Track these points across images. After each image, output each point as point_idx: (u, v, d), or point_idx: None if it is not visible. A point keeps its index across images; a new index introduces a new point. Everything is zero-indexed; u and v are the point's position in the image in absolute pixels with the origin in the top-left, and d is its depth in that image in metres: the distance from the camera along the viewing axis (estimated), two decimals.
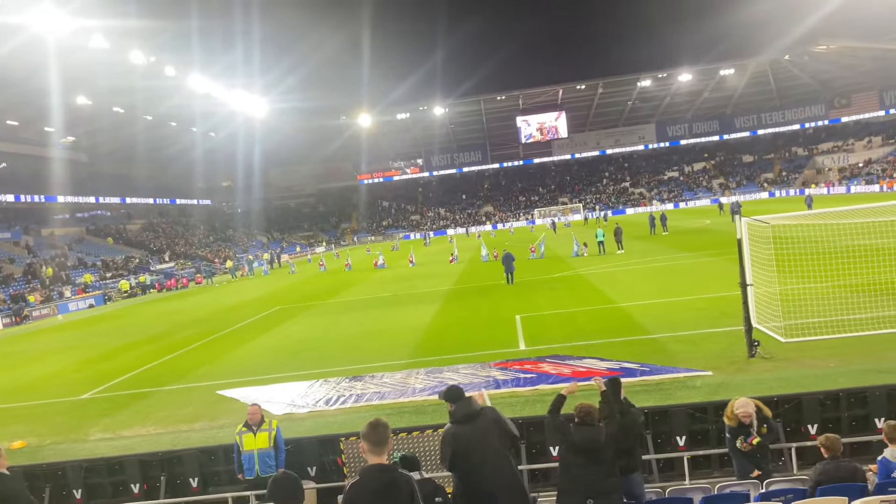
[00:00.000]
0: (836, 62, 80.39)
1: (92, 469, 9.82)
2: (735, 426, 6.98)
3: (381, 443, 4.25)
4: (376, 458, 4.23)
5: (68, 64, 43.64)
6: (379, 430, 4.27)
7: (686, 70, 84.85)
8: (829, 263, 15.96)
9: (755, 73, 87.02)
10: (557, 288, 24.99)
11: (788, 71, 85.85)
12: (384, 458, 4.22)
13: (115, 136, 66.23)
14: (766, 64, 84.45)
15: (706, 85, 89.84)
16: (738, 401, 7.05)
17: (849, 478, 5.76)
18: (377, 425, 4.30)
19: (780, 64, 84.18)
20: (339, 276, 42.28)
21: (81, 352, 24.01)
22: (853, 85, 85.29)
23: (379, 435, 4.25)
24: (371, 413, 11.66)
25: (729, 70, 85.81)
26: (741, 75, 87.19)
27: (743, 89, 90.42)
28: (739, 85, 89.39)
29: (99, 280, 51.35)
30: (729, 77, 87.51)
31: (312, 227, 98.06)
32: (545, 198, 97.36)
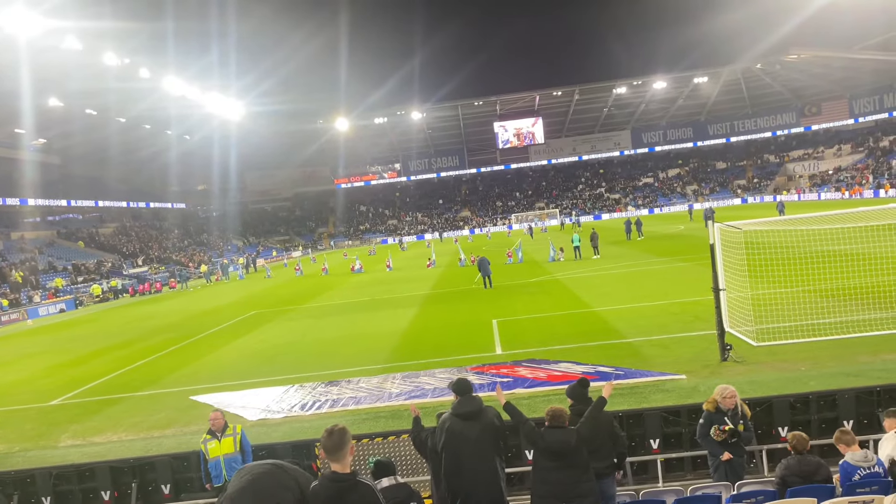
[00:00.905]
0: (807, 71, 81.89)
1: (62, 476, 9.66)
2: (713, 411, 7.09)
3: (337, 449, 4.10)
4: (336, 464, 4.11)
5: (40, 65, 42.89)
6: (333, 437, 4.12)
7: (661, 77, 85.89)
8: (800, 268, 16.23)
9: (728, 82, 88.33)
10: (534, 292, 25.10)
11: (760, 79, 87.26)
12: (345, 465, 4.10)
13: (87, 139, 65.16)
14: (738, 72, 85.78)
15: (680, 92, 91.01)
16: (723, 386, 7.19)
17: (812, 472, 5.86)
18: (332, 432, 4.15)
19: (753, 72, 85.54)
20: (315, 280, 42.05)
21: (52, 357, 23.59)
22: (824, 93, 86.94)
23: (333, 441, 4.11)
24: (348, 418, 11.61)
25: (702, 78, 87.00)
26: (714, 83, 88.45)
27: (716, 97, 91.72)
28: (713, 93, 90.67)
29: (70, 284, 50.50)
30: (702, 85, 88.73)
31: (289, 232, 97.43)
32: (522, 203, 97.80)
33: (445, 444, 5.61)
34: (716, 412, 7.11)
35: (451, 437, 5.59)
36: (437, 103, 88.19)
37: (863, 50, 70.08)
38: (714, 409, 7.12)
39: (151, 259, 66.41)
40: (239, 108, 71.32)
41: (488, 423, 5.72)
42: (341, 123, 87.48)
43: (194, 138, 76.96)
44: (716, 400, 7.12)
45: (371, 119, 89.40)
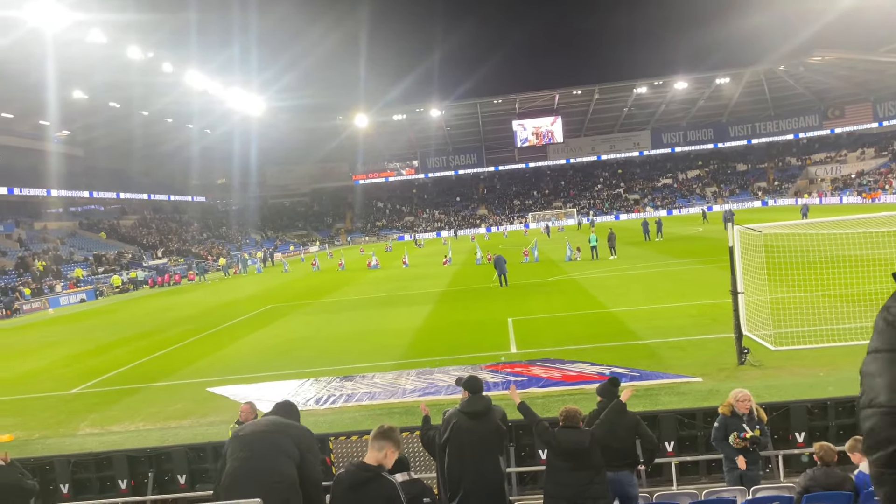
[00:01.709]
0: (830, 73, 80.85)
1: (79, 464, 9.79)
2: (728, 415, 7.02)
3: (379, 438, 4.30)
4: (371, 453, 4.27)
5: (65, 58, 43.46)
6: (382, 432, 4.36)
7: (682, 78, 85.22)
8: (820, 273, 16.04)
9: (750, 83, 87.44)
10: (550, 292, 25.04)
11: (783, 81, 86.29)
12: (376, 460, 4.25)
13: (110, 131, 66.01)
14: (761, 73, 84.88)
15: (702, 93, 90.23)
16: (738, 390, 7.12)
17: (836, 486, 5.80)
18: (383, 428, 4.41)
19: (776, 74, 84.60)
20: (332, 275, 42.23)
21: (72, 346, 23.91)
22: (847, 96, 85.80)
23: (381, 430, 4.37)
24: (362, 413, 11.67)
25: (724, 79, 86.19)
26: (736, 84, 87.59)
27: (738, 98, 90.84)
28: (735, 94, 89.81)
29: (91, 275, 51.13)
30: (724, 86, 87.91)
31: (306, 227, 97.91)
32: (539, 202, 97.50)
33: (450, 440, 5.67)
34: (731, 416, 7.04)
35: (455, 434, 5.65)
36: (455, 101, 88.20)
37: (888, 52, 69.02)
38: (730, 412, 7.05)
39: (171, 251, 67.06)
40: (259, 103, 71.75)
41: (494, 423, 5.77)
42: (360, 120, 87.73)
43: (215, 133, 77.63)
44: (731, 404, 7.06)
45: (390, 116, 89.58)
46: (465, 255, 46.91)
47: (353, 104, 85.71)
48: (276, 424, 4.72)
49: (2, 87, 49.18)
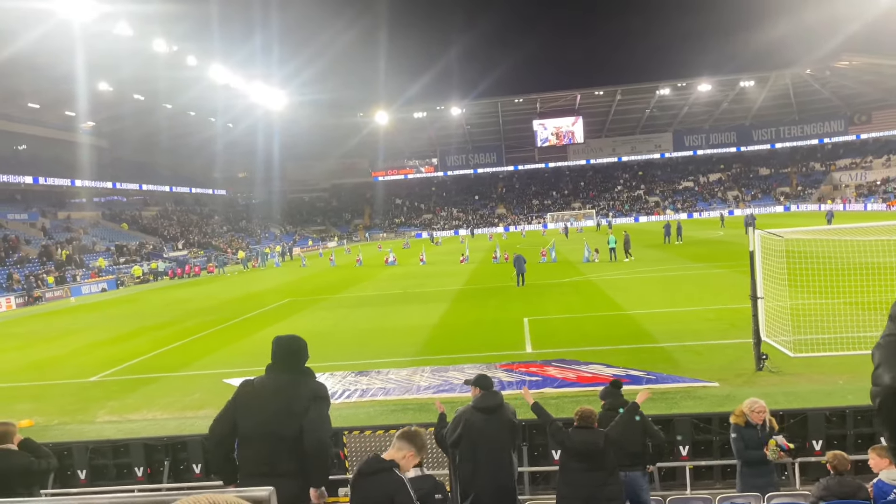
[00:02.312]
0: (857, 78, 79.74)
1: (97, 451, 9.93)
2: (742, 425, 6.87)
3: (400, 442, 4.37)
4: (392, 450, 4.36)
5: (92, 50, 44.01)
6: (406, 434, 4.42)
7: (706, 80, 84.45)
8: (842, 280, 15.83)
9: (775, 87, 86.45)
10: (567, 292, 24.96)
11: (809, 85, 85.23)
12: (395, 457, 4.31)
13: (135, 123, 66.79)
14: (786, 77, 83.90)
15: (725, 96, 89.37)
16: (750, 399, 6.98)
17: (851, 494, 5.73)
18: (409, 432, 4.46)
19: (801, 78, 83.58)
20: (349, 271, 42.41)
21: (92, 334, 24.25)
22: (874, 102, 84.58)
23: (410, 431, 4.44)
24: (376, 408, 11.72)
25: (749, 82, 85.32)
26: (761, 88, 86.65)
27: (762, 102, 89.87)
28: (759, 97, 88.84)
29: (112, 265, 51.76)
30: (749, 89, 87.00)
31: (325, 222, 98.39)
32: (558, 202, 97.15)
33: (462, 436, 5.70)
34: (746, 426, 6.89)
35: (468, 430, 5.68)
36: (476, 99, 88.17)
37: None
38: (744, 423, 6.90)
39: (191, 243, 67.71)
40: (281, 97, 72.18)
41: (506, 419, 5.83)
42: (381, 117, 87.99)
43: (237, 127, 78.23)
44: (744, 413, 6.91)
45: (410, 113, 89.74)
46: (483, 253, 46.88)
47: (374, 100, 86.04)
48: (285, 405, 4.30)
49: (30, 78, 49.97)
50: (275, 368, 4.44)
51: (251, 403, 4.36)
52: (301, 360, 4.50)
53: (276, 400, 4.28)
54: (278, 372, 4.41)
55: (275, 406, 4.26)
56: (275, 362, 4.44)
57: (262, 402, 4.32)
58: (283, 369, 4.40)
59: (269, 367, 4.46)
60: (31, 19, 38.42)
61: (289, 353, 4.46)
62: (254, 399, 4.38)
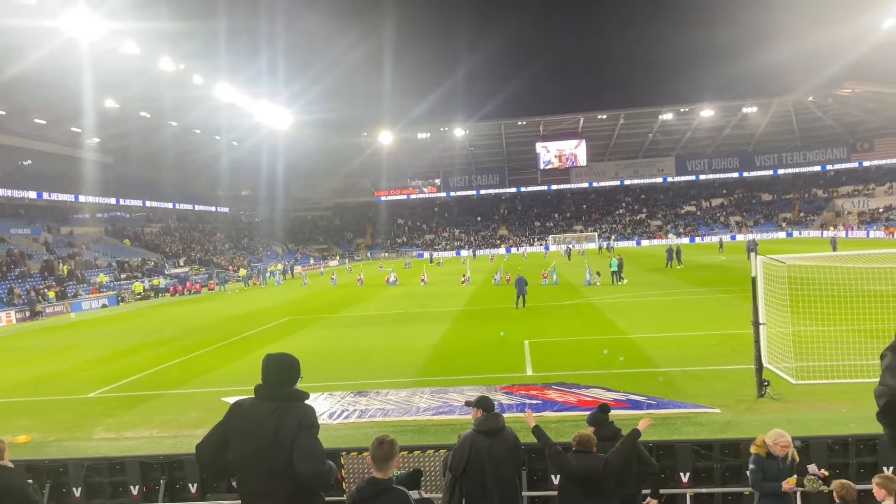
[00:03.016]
0: (860, 105, 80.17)
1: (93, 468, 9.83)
2: (763, 456, 6.65)
3: (385, 459, 4.27)
4: (379, 473, 4.28)
5: (100, 68, 44.48)
6: (383, 447, 4.29)
7: (709, 106, 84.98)
8: (845, 307, 15.77)
9: (778, 113, 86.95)
10: (568, 315, 24.88)
11: (811, 112, 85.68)
12: (386, 474, 4.27)
13: (140, 140, 67.22)
14: (789, 104, 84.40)
15: (728, 121, 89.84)
16: (774, 431, 6.75)
17: None
18: (382, 442, 4.33)
19: (804, 104, 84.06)
20: (350, 290, 42.37)
21: (91, 351, 24.17)
22: (876, 129, 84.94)
23: (383, 451, 4.28)
24: (375, 429, 11.62)
25: (752, 108, 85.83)
26: (764, 114, 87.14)
27: (765, 128, 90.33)
28: (762, 123, 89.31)
29: (113, 281, 51.78)
30: (751, 115, 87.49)
31: (327, 241, 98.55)
32: (560, 224, 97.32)
33: (470, 461, 5.66)
34: (767, 457, 6.67)
35: (475, 454, 5.65)
36: (480, 121, 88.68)
37: None
38: (765, 453, 6.67)
39: (193, 260, 67.76)
40: (286, 116, 72.71)
41: (510, 440, 5.81)
42: (385, 137, 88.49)
43: (242, 145, 78.74)
44: (766, 444, 6.67)
45: (414, 133, 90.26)
46: (484, 274, 46.85)
47: (378, 120, 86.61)
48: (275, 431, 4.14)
49: (37, 95, 50.41)
50: (264, 389, 4.27)
51: (241, 429, 4.21)
52: (291, 379, 4.31)
53: (264, 428, 4.12)
54: (268, 393, 4.25)
55: (262, 434, 4.11)
56: (265, 383, 4.31)
57: (250, 430, 4.17)
58: (273, 391, 4.23)
59: (259, 387, 4.29)
60: (38, 37, 38.86)
61: (278, 373, 4.28)
62: (243, 425, 4.22)
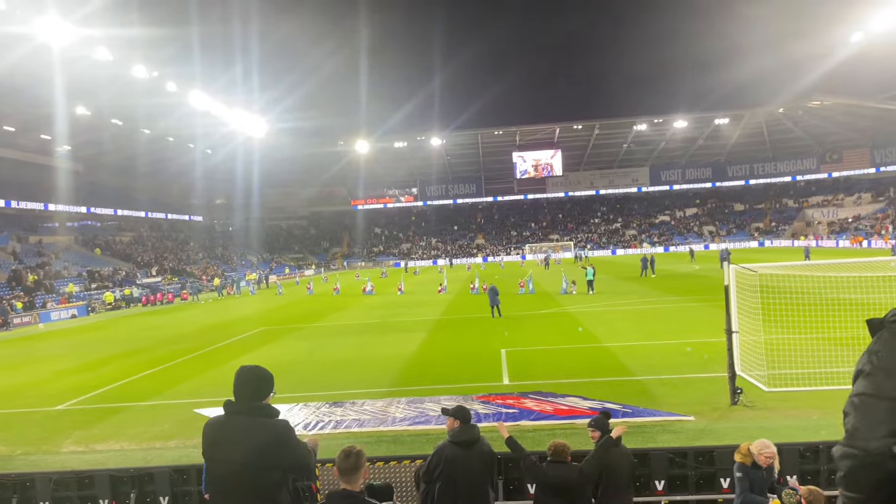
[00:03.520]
0: (830, 118, 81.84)
1: (61, 482, 9.61)
2: (749, 465, 6.72)
3: (352, 471, 4.14)
4: (347, 485, 4.16)
5: (71, 75, 43.81)
6: (350, 459, 4.16)
7: (682, 117, 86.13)
8: (816, 315, 16.02)
9: (750, 124, 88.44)
10: (544, 324, 24.97)
11: (782, 124, 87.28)
12: (355, 486, 4.15)
13: (112, 148, 66.21)
14: (761, 115, 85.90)
15: (701, 132, 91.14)
16: (759, 441, 6.83)
17: None
18: (349, 454, 4.20)
19: (775, 116, 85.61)
20: (326, 300, 42.11)
21: (60, 362, 23.69)
22: (846, 141, 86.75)
23: (350, 463, 4.15)
24: (350, 440, 11.52)
25: (724, 120, 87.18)
26: (736, 125, 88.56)
27: (737, 139, 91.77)
28: (734, 134, 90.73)
29: (83, 290, 50.90)
30: (724, 126, 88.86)
31: (303, 250, 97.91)
32: (537, 234, 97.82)
33: (443, 472, 5.63)
34: (752, 467, 6.73)
35: (448, 465, 5.61)
36: (456, 130, 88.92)
37: (887, 99, 69.94)
38: (750, 462, 6.74)
39: (165, 270, 66.89)
40: (262, 124, 72.27)
41: (485, 453, 5.77)
42: (361, 146, 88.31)
43: (217, 153, 78.07)
44: (751, 453, 6.74)
45: (391, 142, 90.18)
46: (461, 283, 46.87)
47: (355, 129, 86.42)
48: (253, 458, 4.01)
49: (6, 101, 49.51)
50: (236, 404, 4.15)
51: (218, 446, 4.09)
52: (264, 393, 4.18)
53: (240, 446, 3.99)
54: (240, 407, 4.11)
55: (238, 454, 3.97)
56: (237, 396, 4.19)
57: (230, 444, 4.03)
58: (245, 405, 4.10)
59: (229, 403, 4.15)
60: (8, 43, 38.17)
61: (251, 385, 4.14)
62: (220, 441, 4.09)
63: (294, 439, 4.14)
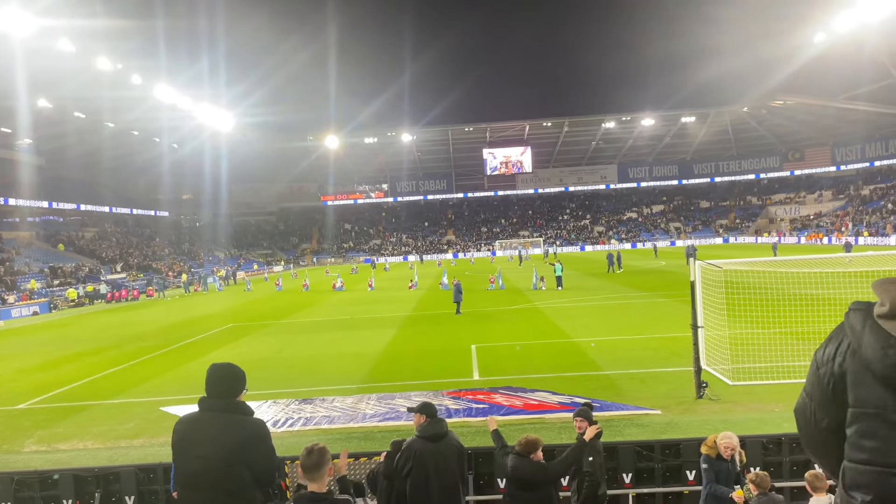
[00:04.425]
0: (792, 117, 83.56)
1: (23, 482, 9.41)
2: (713, 457, 6.89)
3: (316, 468, 4.10)
4: (313, 484, 4.10)
5: (32, 66, 42.73)
6: (313, 456, 4.12)
7: (649, 115, 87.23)
8: (778, 310, 16.39)
9: (715, 123, 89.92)
10: (514, 320, 25.10)
11: (747, 122, 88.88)
12: (322, 485, 4.09)
13: (75, 142, 64.78)
14: (725, 115, 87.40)
15: (668, 130, 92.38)
16: (723, 433, 7.01)
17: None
18: (311, 451, 4.15)
19: (739, 115, 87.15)
20: (295, 296, 41.79)
21: (22, 360, 23.14)
22: (807, 140, 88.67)
23: (312, 461, 4.11)
24: (319, 437, 11.47)
25: (690, 118, 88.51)
26: (702, 124, 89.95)
27: (703, 137, 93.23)
28: (700, 133, 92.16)
29: (45, 287, 49.77)
30: (690, 125, 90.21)
31: (272, 246, 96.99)
32: (507, 230, 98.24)
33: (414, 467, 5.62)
34: (717, 458, 6.90)
35: (419, 459, 5.61)
36: (427, 126, 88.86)
37: (848, 100, 71.64)
38: (715, 455, 6.90)
39: (131, 266, 65.71)
40: (229, 118, 71.35)
41: (454, 446, 5.79)
42: (331, 141, 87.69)
43: (183, 147, 76.86)
44: (716, 445, 6.90)
45: (361, 138, 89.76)
46: (431, 279, 46.88)
47: (324, 124, 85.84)
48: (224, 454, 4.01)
49: None
50: (209, 401, 4.14)
51: (189, 442, 4.08)
52: (237, 390, 4.19)
53: (212, 442, 3.99)
54: (214, 404, 4.11)
55: (217, 445, 3.98)
56: (209, 393, 4.14)
57: (196, 444, 4.03)
58: (218, 402, 4.10)
59: (203, 399, 4.15)
60: None
61: (223, 382, 4.15)
62: (192, 437, 4.09)
63: (268, 440, 4.13)
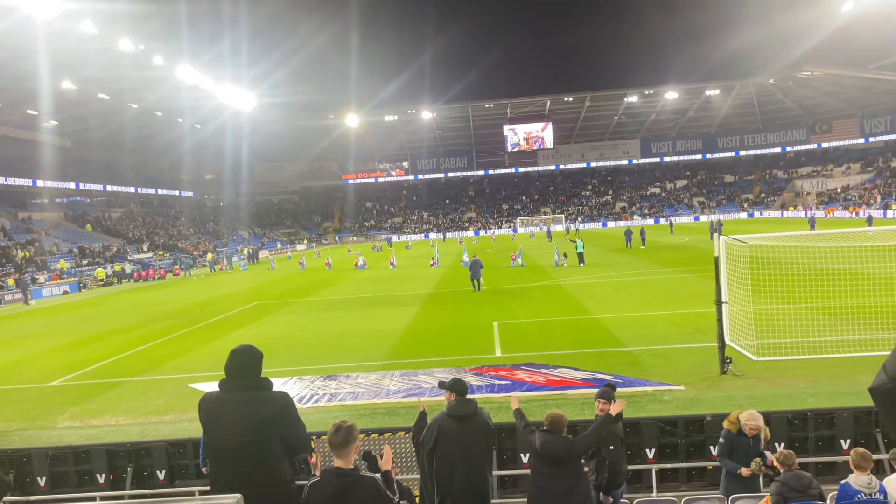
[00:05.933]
0: (819, 88, 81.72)
1: (57, 457, 9.69)
2: (735, 433, 6.87)
3: (343, 445, 4.15)
4: (340, 460, 4.17)
5: (56, 48, 43.10)
6: (341, 433, 4.16)
7: (673, 88, 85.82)
8: (804, 285, 16.18)
9: (740, 95, 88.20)
10: (536, 297, 25.09)
11: (772, 94, 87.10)
12: (348, 461, 4.15)
13: (99, 123, 65.48)
14: (751, 86, 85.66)
15: (691, 104, 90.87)
16: (748, 412, 6.97)
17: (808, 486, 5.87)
18: (339, 428, 4.20)
19: (765, 87, 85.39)
20: (318, 274, 42.11)
21: (53, 338, 23.68)
22: (835, 112, 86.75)
23: (340, 437, 4.15)
24: (344, 413, 11.64)
25: (714, 91, 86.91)
26: (726, 96, 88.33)
27: (727, 110, 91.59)
28: (724, 106, 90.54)
29: (75, 267, 50.66)
30: (714, 97, 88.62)
31: (294, 225, 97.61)
32: (528, 207, 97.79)
33: (438, 445, 5.63)
34: (738, 434, 6.87)
35: (444, 439, 5.61)
36: (447, 103, 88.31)
37: (877, 69, 69.83)
38: (736, 431, 6.87)
39: (157, 245, 66.61)
40: (250, 98, 71.50)
41: (482, 426, 5.74)
42: (351, 119, 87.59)
43: (205, 128, 77.29)
44: (739, 421, 6.87)
45: (381, 116, 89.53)
46: (453, 257, 46.93)
47: (345, 103, 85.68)
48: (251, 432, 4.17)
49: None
50: (231, 382, 4.27)
51: (218, 420, 4.21)
52: (257, 370, 4.36)
53: (240, 417, 4.13)
54: (236, 384, 4.26)
55: (246, 420, 4.12)
56: (229, 375, 4.26)
57: (224, 422, 4.17)
58: (242, 381, 4.26)
59: (224, 381, 4.29)
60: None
61: (243, 366, 4.33)
62: (219, 415, 4.21)
63: (295, 410, 4.24)
